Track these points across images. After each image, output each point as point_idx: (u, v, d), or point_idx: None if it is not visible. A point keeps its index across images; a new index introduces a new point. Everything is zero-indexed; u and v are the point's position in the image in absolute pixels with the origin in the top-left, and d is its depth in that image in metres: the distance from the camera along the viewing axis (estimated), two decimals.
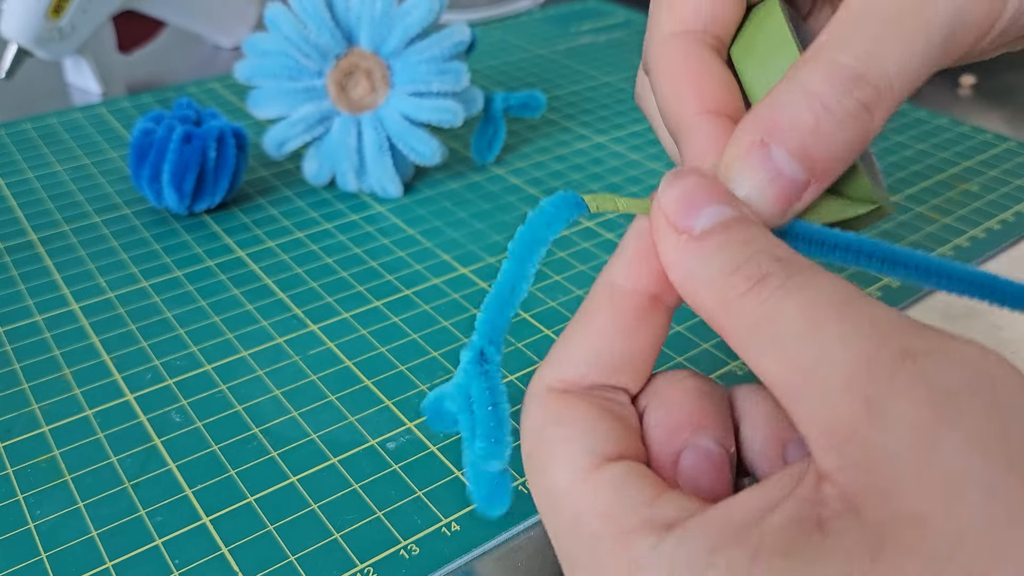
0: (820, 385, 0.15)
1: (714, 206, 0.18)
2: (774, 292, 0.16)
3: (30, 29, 0.49)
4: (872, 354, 0.14)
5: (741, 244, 0.17)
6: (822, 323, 0.15)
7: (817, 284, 0.16)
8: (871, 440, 0.14)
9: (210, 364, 0.32)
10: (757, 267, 0.16)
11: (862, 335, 0.15)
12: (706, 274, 0.17)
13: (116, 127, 0.50)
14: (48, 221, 0.41)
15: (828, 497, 0.14)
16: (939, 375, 0.14)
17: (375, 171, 0.42)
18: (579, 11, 0.70)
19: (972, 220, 0.41)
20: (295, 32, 0.40)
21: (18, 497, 0.27)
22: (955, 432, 0.13)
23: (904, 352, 0.14)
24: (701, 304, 0.17)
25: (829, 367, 0.15)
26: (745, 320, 0.16)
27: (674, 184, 0.18)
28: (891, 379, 0.14)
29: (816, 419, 0.15)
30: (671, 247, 0.18)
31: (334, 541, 0.25)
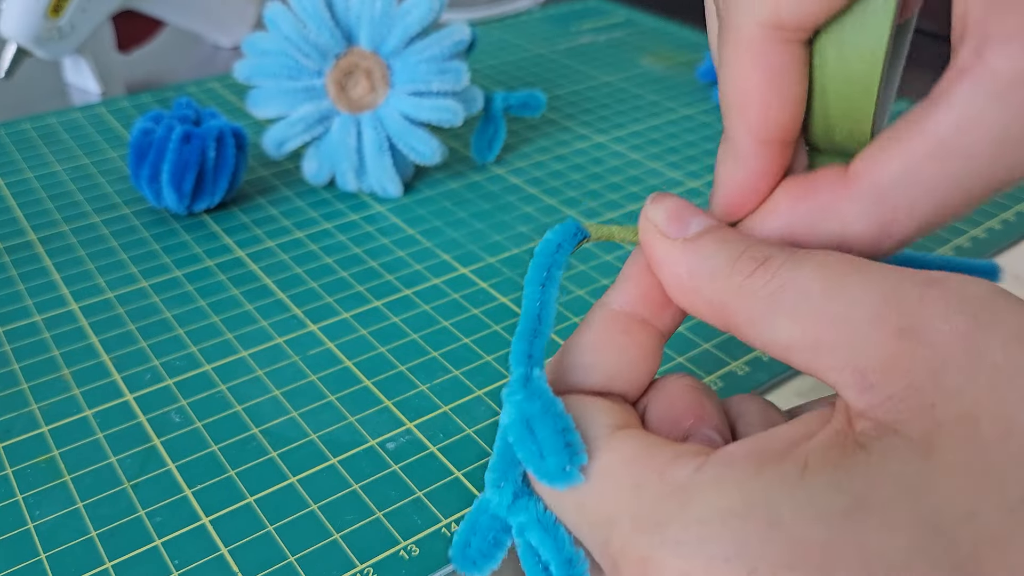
0: (849, 331, 0.15)
1: (699, 216, 0.19)
2: (782, 265, 0.16)
3: (29, 28, 0.49)
4: (896, 288, 0.15)
5: (736, 240, 0.18)
6: (839, 278, 0.16)
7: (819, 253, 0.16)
8: (910, 368, 0.14)
9: (210, 364, 0.32)
10: (758, 251, 0.17)
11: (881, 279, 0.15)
12: (710, 266, 0.18)
13: (115, 127, 0.50)
14: (47, 221, 0.41)
15: (865, 428, 0.15)
16: (965, 289, 0.15)
17: (375, 171, 0.42)
18: (579, 10, 0.70)
19: (973, 219, 0.41)
20: (295, 31, 0.40)
21: (17, 497, 0.27)
22: (994, 331, 0.14)
23: (926, 280, 0.15)
24: (707, 298, 0.18)
25: (856, 312, 0.15)
26: (760, 296, 0.16)
27: (660, 202, 0.19)
28: (920, 303, 0.15)
29: (848, 364, 0.15)
30: (668, 250, 0.18)
31: (334, 542, 0.25)
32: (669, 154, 0.48)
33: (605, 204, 0.43)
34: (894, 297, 0.15)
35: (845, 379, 0.15)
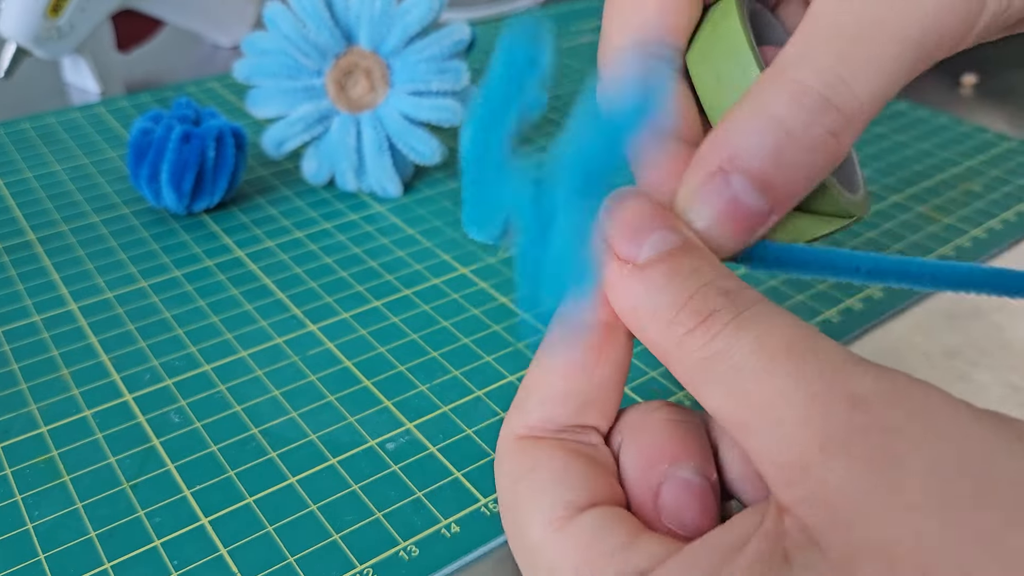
0: (774, 423, 0.15)
1: (658, 232, 0.17)
2: (724, 328, 0.16)
3: (29, 28, 0.49)
4: (824, 397, 0.14)
5: (686, 276, 0.16)
6: (773, 362, 0.15)
7: (766, 320, 0.16)
8: (826, 477, 0.14)
9: (209, 364, 0.32)
10: (704, 302, 0.16)
11: (813, 375, 0.15)
12: (652, 308, 0.16)
13: (115, 126, 0.50)
14: (46, 221, 0.41)
15: (791, 529, 0.14)
16: (888, 417, 0.14)
17: (374, 170, 0.42)
18: (579, 10, 0.69)
19: (974, 220, 0.41)
20: (294, 31, 0.40)
21: (16, 498, 0.27)
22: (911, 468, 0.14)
23: (854, 398, 0.14)
24: (649, 338, 0.17)
25: (783, 407, 0.15)
26: (694, 357, 0.16)
27: (617, 210, 0.18)
28: (845, 424, 0.14)
29: (770, 455, 0.15)
30: (615, 278, 0.17)
31: (333, 542, 0.25)
32: None
33: None
34: (821, 407, 0.14)
35: (769, 469, 0.15)
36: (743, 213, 0.17)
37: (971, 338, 0.34)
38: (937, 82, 0.56)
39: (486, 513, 0.26)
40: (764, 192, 0.17)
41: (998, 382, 0.32)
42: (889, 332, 0.34)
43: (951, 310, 0.35)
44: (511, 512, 0.18)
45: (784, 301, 0.35)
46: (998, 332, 0.34)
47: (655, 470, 0.18)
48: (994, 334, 0.34)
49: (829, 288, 0.36)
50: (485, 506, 0.26)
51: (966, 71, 0.56)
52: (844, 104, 0.17)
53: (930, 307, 0.36)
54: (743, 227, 0.17)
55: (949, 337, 0.34)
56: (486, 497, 0.27)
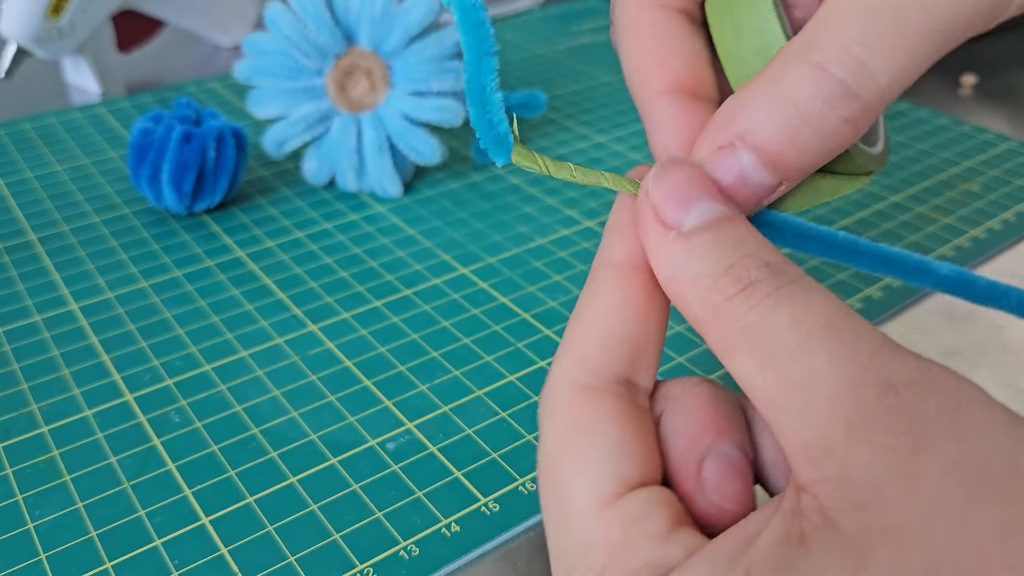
0: (804, 402, 0.15)
1: (705, 202, 0.17)
2: (763, 299, 0.16)
3: (29, 28, 0.49)
4: (857, 379, 0.14)
5: (730, 245, 0.16)
6: (810, 339, 0.15)
7: (806, 296, 0.16)
8: (849, 458, 0.14)
9: (209, 364, 0.32)
10: (746, 271, 0.16)
11: (849, 357, 0.15)
12: (694, 274, 0.16)
13: (115, 127, 0.50)
14: (47, 221, 0.41)
15: (807, 508, 0.15)
16: (918, 406, 0.14)
17: (375, 171, 0.42)
18: (579, 10, 0.69)
19: (973, 220, 0.41)
20: (295, 31, 0.40)
21: (17, 498, 0.27)
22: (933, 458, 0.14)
23: (887, 383, 0.14)
24: (686, 304, 0.17)
25: (815, 386, 0.15)
26: (732, 326, 0.16)
27: (664, 177, 0.17)
28: (874, 408, 0.14)
29: (796, 433, 0.15)
30: (658, 243, 0.17)
31: (333, 542, 0.25)
32: None
33: (605, 204, 0.43)
34: (853, 389, 0.14)
35: (792, 447, 0.15)
36: (750, 188, 0.17)
37: (971, 338, 0.34)
38: (937, 82, 0.56)
39: (486, 512, 0.26)
40: (773, 170, 0.17)
41: (998, 382, 0.32)
42: (889, 332, 0.34)
43: (951, 310, 0.35)
44: (556, 470, 0.18)
45: None
46: (998, 332, 0.34)
47: (698, 443, 0.18)
48: (994, 334, 0.34)
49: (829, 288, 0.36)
50: (485, 505, 0.26)
51: (966, 71, 0.56)
52: (864, 92, 0.16)
53: (930, 307, 0.36)
54: (748, 200, 0.18)
55: (949, 337, 0.34)
56: (486, 496, 0.27)
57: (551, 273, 0.37)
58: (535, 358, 0.32)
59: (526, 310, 0.35)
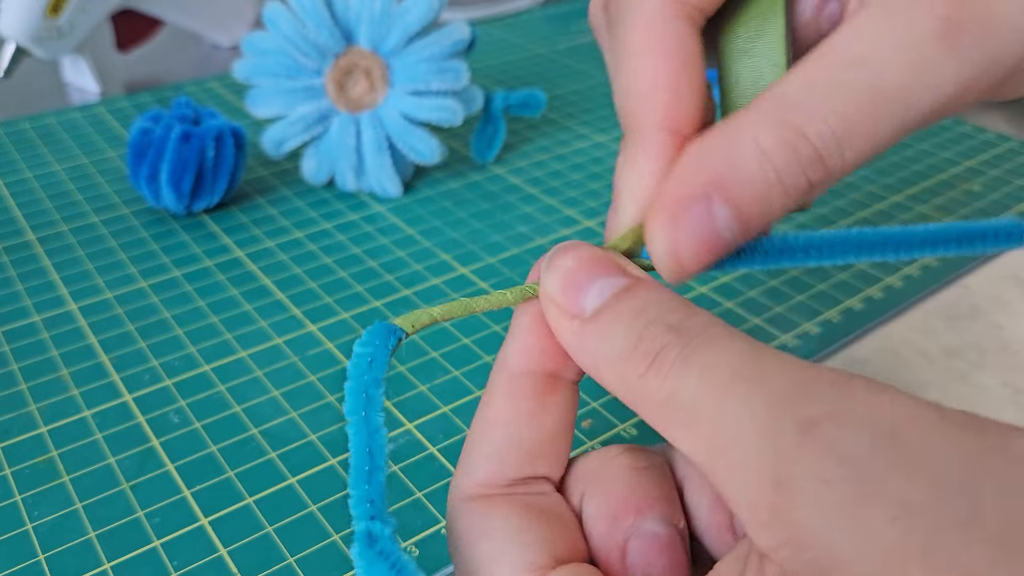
0: (733, 463, 0.14)
1: (599, 280, 0.17)
2: (672, 366, 0.15)
3: (28, 28, 0.49)
4: (773, 427, 0.14)
5: (631, 318, 0.16)
6: (721, 396, 0.14)
7: (710, 350, 0.15)
8: (794, 518, 0.13)
9: (208, 364, 0.32)
10: (652, 342, 0.15)
11: (759, 406, 0.14)
12: (606, 359, 0.16)
13: (114, 126, 0.50)
14: (46, 221, 0.41)
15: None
16: (843, 441, 0.13)
17: (374, 170, 0.42)
18: (579, 9, 0.69)
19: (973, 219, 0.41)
20: (294, 31, 0.40)
21: (16, 498, 0.26)
22: (880, 504, 0.13)
23: (804, 422, 0.13)
24: (612, 390, 0.16)
25: (740, 445, 0.14)
26: (652, 400, 0.15)
27: (554, 267, 0.17)
28: (797, 453, 0.13)
29: (741, 497, 0.14)
30: (568, 335, 0.17)
31: (333, 543, 0.25)
32: None
33: (605, 204, 0.43)
34: (773, 439, 0.13)
35: (742, 511, 0.14)
36: (717, 242, 0.17)
37: (971, 338, 0.34)
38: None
39: None
40: (743, 226, 0.17)
41: (998, 383, 0.32)
42: (889, 332, 0.34)
43: (951, 310, 0.35)
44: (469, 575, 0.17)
45: (783, 302, 0.35)
46: (998, 332, 0.34)
47: (620, 524, 0.18)
48: (994, 334, 0.34)
49: (829, 288, 0.36)
50: None
51: None
52: (832, 163, 0.17)
53: (930, 307, 0.36)
54: (710, 253, 0.17)
55: (949, 337, 0.34)
56: None
57: None
58: None
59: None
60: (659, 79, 0.18)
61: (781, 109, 0.17)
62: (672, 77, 0.18)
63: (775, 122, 0.16)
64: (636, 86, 0.18)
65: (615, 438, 0.29)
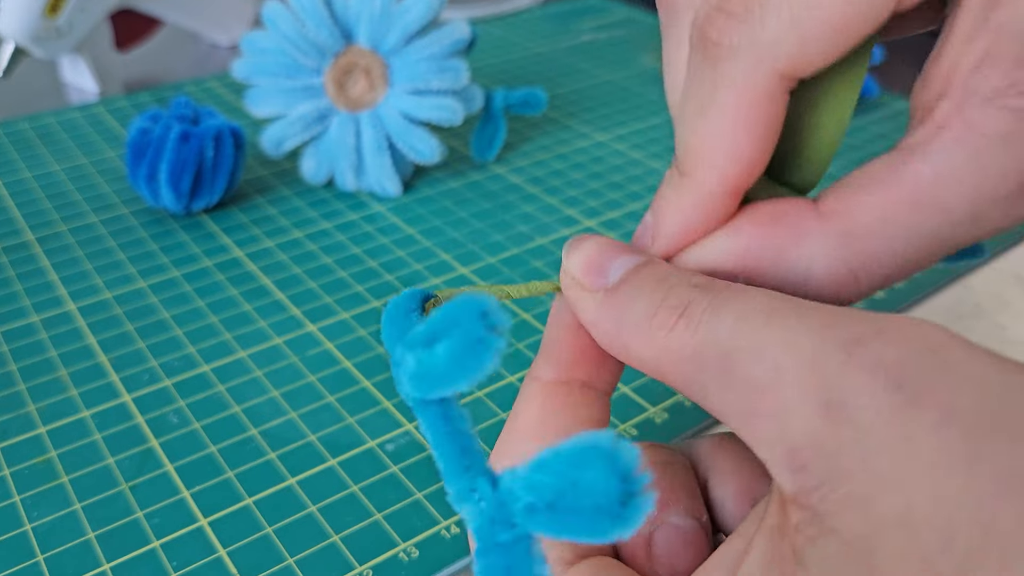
0: (774, 402, 0.14)
1: (619, 259, 0.17)
2: (702, 317, 0.15)
3: (27, 27, 0.49)
4: (819, 350, 0.13)
5: (656, 283, 0.16)
6: (758, 334, 0.14)
7: (741, 296, 0.15)
8: (840, 449, 0.13)
9: (208, 365, 0.32)
10: (677, 298, 0.16)
11: (802, 333, 0.14)
12: (632, 321, 0.16)
13: (113, 126, 0.50)
14: (45, 221, 0.41)
15: (799, 523, 0.13)
16: (889, 353, 0.13)
17: (374, 170, 0.42)
18: (580, 8, 0.69)
19: None
20: (293, 30, 0.40)
21: (15, 499, 0.26)
22: (925, 411, 0.12)
23: (849, 341, 0.13)
24: (637, 354, 0.16)
25: (781, 380, 0.14)
26: (683, 355, 0.15)
27: (576, 250, 0.18)
28: (843, 371, 0.13)
29: (776, 440, 0.14)
30: (590, 307, 0.17)
31: (332, 543, 0.25)
32: (670, 153, 0.48)
33: (606, 203, 0.43)
34: (818, 362, 0.13)
35: (776, 457, 0.14)
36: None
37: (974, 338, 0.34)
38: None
39: None
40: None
41: None
42: None
43: (952, 310, 0.35)
44: None
45: None
46: (1000, 332, 0.34)
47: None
48: (996, 334, 0.34)
49: None
50: None
51: None
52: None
53: (931, 307, 0.36)
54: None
55: None
56: None
57: (551, 273, 0.37)
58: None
59: (526, 310, 0.35)
60: (740, 151, 0.17)
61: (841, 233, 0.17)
62: (753, 153, 0.17)
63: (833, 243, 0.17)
64: (714, 141, 0.17)
65: None
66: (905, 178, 0.16)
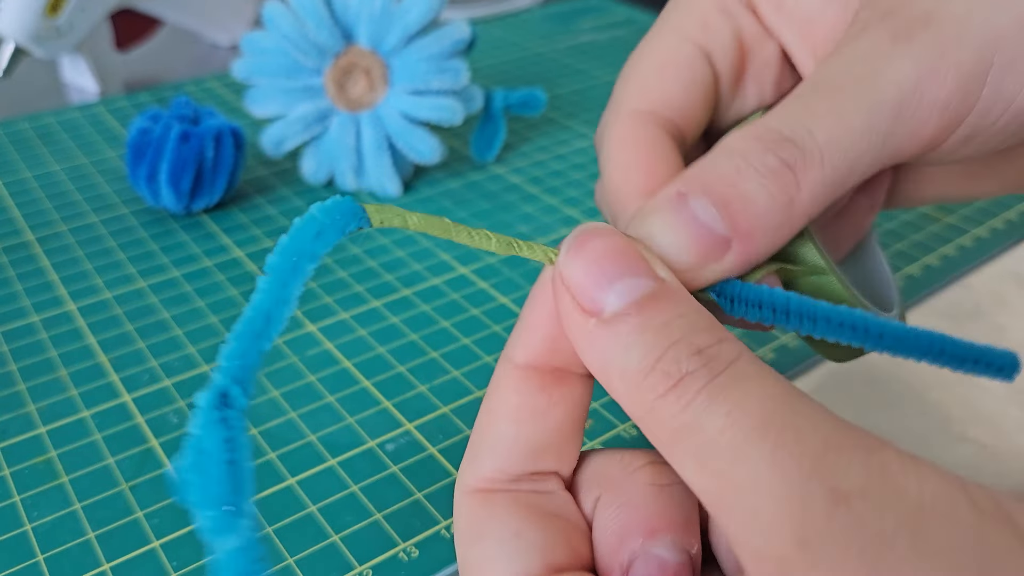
0: (750, 508, 0.13)
1: (627, 279, 0.15)
2: (696, 396, 0.14)
3: (27, 27, 0.49)
4: (803, 489, 0.13)
5: (657, 331, 0.15)
6: (747, 443, 0.14)
7: (741, 388, 0.14)
8: None
9: (208, 365, 0.32)
10: (676, 365, 0.14)
11: (791, 464, 0.13)
12: (620, 369, 0.15)
13: (113, 126, 0.50)
14: (45, 221, 0.41)
15: None
16: (873, 522, 0.13)
17: (374, 170, 0.42)
18: (580, 9, 0.69)
19: (975, 219, 0.41)
20: (293, 30, 0.40)
21: (15, 499, 0.26)
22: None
23: (836, 494, 0.13)
24: (618, 398, 0.15)
25: (759, 493, 0.13)
26: (666, 425, 0.14)
27: (580, 251, 0.16)
28: (826, 523, 0.13)
29: (747, 541, 0.14)
30: (579, 331, 0.16)
31: (332, 543, 0.25)
32: None
33: None
34: (800, 501, 0.13)
35: (744, 554, 0.14)
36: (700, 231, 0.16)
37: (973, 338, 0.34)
38: None
39: None
40: (723, 213, 0.16)
41: (1000, 383, 0.31)
42: None
43: (953, 310, 0.35)
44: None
45: None
46: (1000, 333, 0.34)
47: (628, 543, 0.17)
48: (996, 335, 0.34)
49: None
50: None
51: None
52: (801, 141, 0.17)
53: (931, 308, 0.36)
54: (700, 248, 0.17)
55: None
56: None
57: None
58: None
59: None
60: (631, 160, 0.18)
61: (751, 124, 0.17)
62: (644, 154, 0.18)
63: (747, 129, 0.17)
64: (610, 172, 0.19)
65: (615, 438, 0.29)
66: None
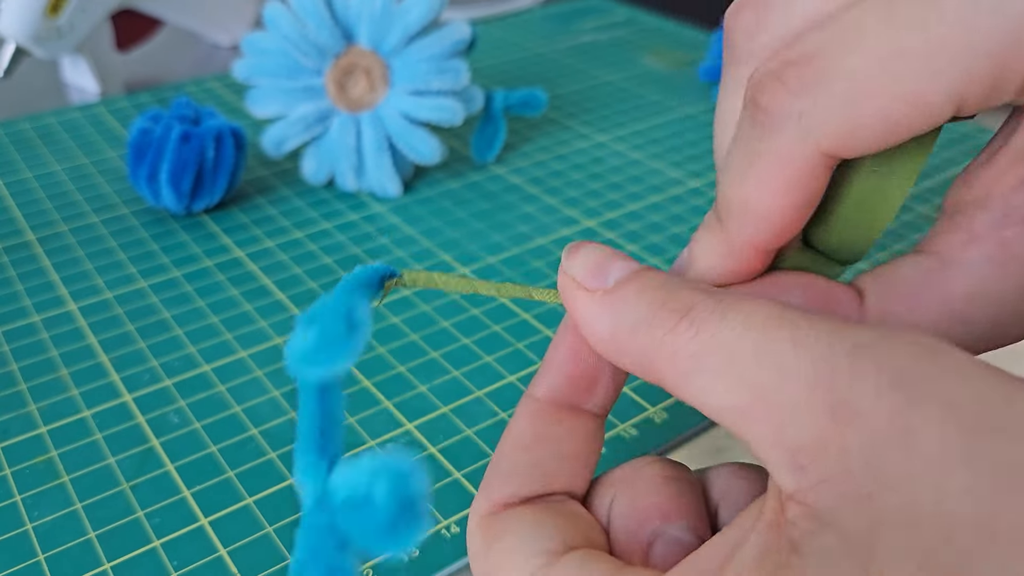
0: (779, 404, 0.14)
1: (619, 262, 0.17)
2: (707, 319, 0.15)
3: (28, 28, 0.49)
4: (827, 356, 0.14)
5: (657, 286, 0.16)
6: (766, 336, 0.14)
7: (749, 303, 0.15)
8: (843, 450, 0.13)
9: (208, 364, 0.32)
10: (681, 301, 0.16)
11: (810, 340, 0.14)
12: (631, 319, 0.16)
13: (114, 126, 0.50)
14: (45, 221, 0.41)
15: (797, 518, 0.14)
16: (892, 357, 0.13)
17: (374, 170, 0.42)
18: (580, 9, 0.69)
19: None
20: (294, 30, 0.40)
21: (15, 498, 0.26)
22: (925, 407, 0.13)
23: (855, 345, 0.14)
24: (632, 353, 0.16)
25: (788, 383, 0.14)
26: (683, 355, 0.15)
27: (576, 253, 0.18)
28: (850, 375, 0.13)
29: (778, 440, 0.14)
30: (587, 304, 0.17)
31: None
32: (671, 153, 0.48)
33: (606, 204, 0.43)
34: (825, 367, 0.14)
35: (776, 457, 0.14)
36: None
37: None
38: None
39: None
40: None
41: None
42: None
43: None
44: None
45: None
46: None
47: (646, 527, 0.18)
48: None
49: None
50: None
51: None
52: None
53: None
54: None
55: None
56: None
57: (551, 273, 0.37)
58: (535, 358, 0.32)
59: (526, 310, 0.35)
60: (772, 218, 0.17)
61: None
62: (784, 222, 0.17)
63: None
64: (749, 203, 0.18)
65: (615, 438, 0.29)
66: (935, 291, 0.17)
